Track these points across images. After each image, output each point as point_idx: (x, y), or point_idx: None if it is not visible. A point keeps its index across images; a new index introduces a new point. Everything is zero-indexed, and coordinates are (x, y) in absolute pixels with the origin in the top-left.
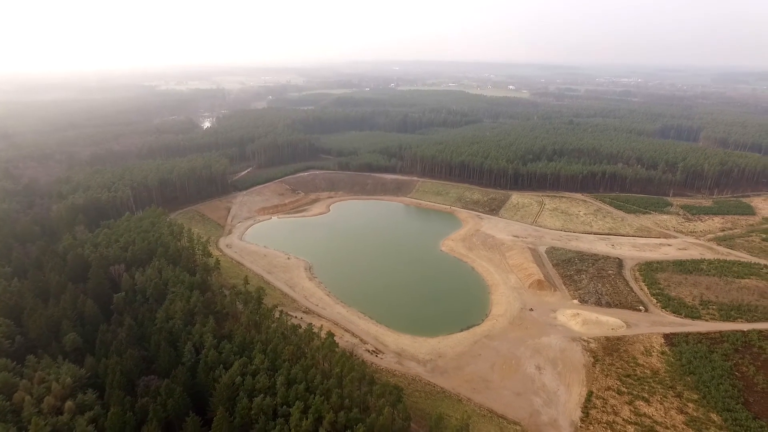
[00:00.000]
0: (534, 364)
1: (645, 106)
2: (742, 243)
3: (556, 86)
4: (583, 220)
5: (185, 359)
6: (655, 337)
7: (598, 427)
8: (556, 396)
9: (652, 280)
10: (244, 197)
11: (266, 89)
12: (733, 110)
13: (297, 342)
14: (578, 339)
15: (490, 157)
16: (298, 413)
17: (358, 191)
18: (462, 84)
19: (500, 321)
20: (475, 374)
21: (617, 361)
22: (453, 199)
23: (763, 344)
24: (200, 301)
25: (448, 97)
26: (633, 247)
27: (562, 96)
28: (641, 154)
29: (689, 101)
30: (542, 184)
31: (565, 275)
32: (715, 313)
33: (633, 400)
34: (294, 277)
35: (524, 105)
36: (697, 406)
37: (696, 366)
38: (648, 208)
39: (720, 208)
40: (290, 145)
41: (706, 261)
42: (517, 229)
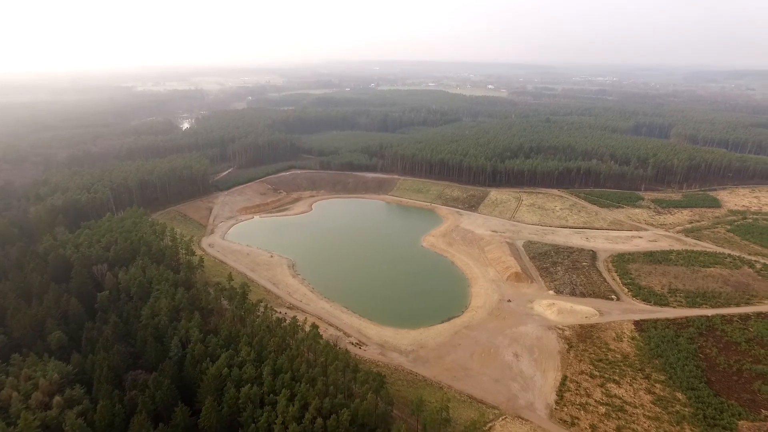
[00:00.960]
0: (512, 351)
1: (619, 104)
2: (708, 234)
3: (534, 85)
4: (559, 214)
5: (172, 353)
6: (626, 323)
7: (572, 409)
8: (532, 381)
9: (624, 270)
10: (226, 197)
11: (245, 90)
12: (703, 108)
13: (282, 334)
14: (554, 327)
15: (469, 155)
16: (284, 401)
17: (339, 190)
18: (442, 83)
19: (479, 312)
20: (456, 363)
21: (590, 347)
22: (433, 196)
23: (725, 328)
24: (185, 298)
25: (428, 96)
26: (606, 240)
27: (540, 95)
28: (614, 150)
29: (661, 99)
30: (520, 180)
31: (542, 267)
32: (682, 300)
33: (605, 382)
34: (277, 274)
35: (503, 104)
36: (663, 386)
37: (663, 349)
38: (621, 203)
39: (688, 202)
40: (271, 145)
41: (674, 252)
42: (496, 225)
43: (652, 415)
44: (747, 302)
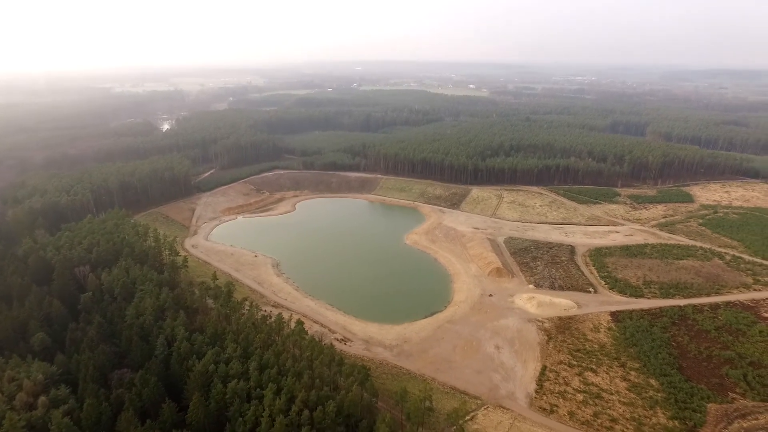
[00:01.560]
0: (493, 344)
1: (597, 103)
2: (681, 228)
3: (515, 85)
4: (539, 211)
5: (158, 352)
6: (602, 315)
7: (551, 397)
8: (513, 372)
9: (601, 264)
10: (209, 198)
11: (226, 90)
12: (677, 106)
13: (267, 331)
14: (534, 320)
15: (451, 153)
16: (271, 394)
17: (323, 189)
18: (424, 83)
19: (462, 307)
20: (439, 356)
21: (569, 338)
22: (416, 194)
23: (696, 317)
24: (170, 297)
25: (410, 96)
26: (584, 235)
27: (520, 94)
28: (592, 148)
29: (638, 98)
30: (500, 178)
31: (522, 262)
32: (657, 291)
33: (582, 371)
34: (262, 273)
35: (484, 103)
36: (638, 374)
37: (638, 339)
38: (598, 199)
39: (663, 197)
40: (254, 145)
41: (649, 245)
42: (478, 222)
43: (627, 400)
44: (717, 292)
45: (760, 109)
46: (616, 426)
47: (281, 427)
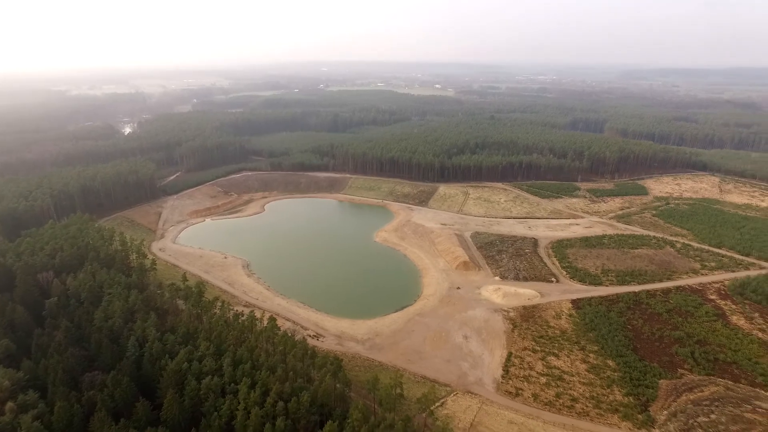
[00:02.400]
0: (462, 334)
1: (558, 101)
2: (636, 219)
3: (480, 84)
4: (504, 206)
5: (129, 353)
6: (564, 302)
7: (517, 381)
8: (481, 359)
9: (562, 255)
10: (175, 201)
11: (190, 92)
12: (633, 104)
13: (240, 328)
14: (499, 310)
15: (418, 152)
16: (245, 388)
17: (292, 190)
18: (390, 84)
19: (431, 300)
20: (410, 348)
21: (532, 326)
22: (385, 193)
23: (650, 301)
24: (139, 300)
25: (377, 96)
26: (547, 228)
27: (485, 93)
28: (553, 144)
29: (597, 96)
30: (466, 175)
31: (488, 256)
32: (614, 279)
33: (545, 356)
34: (232, 274)
35: (450, 103)
36: (596, 356)
37: (597, 323)
38: (560, 193)
39: (620, 190)
40: (220, 147)
41: (607, 236)
42: (445, 218)
43: (587, 381)
44: (668, 278)
45: (708, 106)
46: (577, 405)
47: (256, 418)
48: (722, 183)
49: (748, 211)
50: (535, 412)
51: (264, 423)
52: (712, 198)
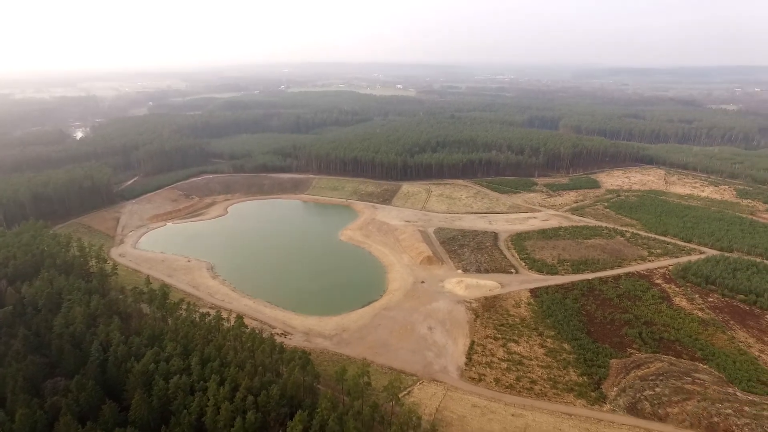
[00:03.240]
0: (426, 326)
1: (516, 100)
2: (590, 211)
3: (440, 84)
4: (465, 202)
5: (93, 358)
6: (523, 292)
7: (479, 368)
8: (445, 349)
9: (521, 247)
10: (134, 206)
11: (145, 95)
12: (586, 102)
13: (207, 328)
14: (462, 301)
15: (381, 151)
16: (215, 385)
17: (255, 192)
18: (352, 84)
19: (396, 294)
20: (376, 341)
21: (494, 315)
22: (349, 192)
23: (602, 288)
24: (101, 304)
25: (339, 97)
26: (506, 222)
27: (446, 93)
28: (511, 142)
29: (552, 95)
30: (428, 173)
31: (451, 250)
32: (569, 268)
33: (506, 342)
34: (196, 277)
35: (411, 102)
36: (553, 340)
37: (553, 310)
38: (518, 188)
39: (574, 184)
40: (179, 150)
41: (563, 228)
42: (409, 215)
43: (545, 364)
44: (619, 265)
45: (654, 104)
46: (535, 386)
47: (227, 413)
48: (667, 175)
49: (690, 200)
50: (497, 396)
51: (234, 417)
52: (658, 189)
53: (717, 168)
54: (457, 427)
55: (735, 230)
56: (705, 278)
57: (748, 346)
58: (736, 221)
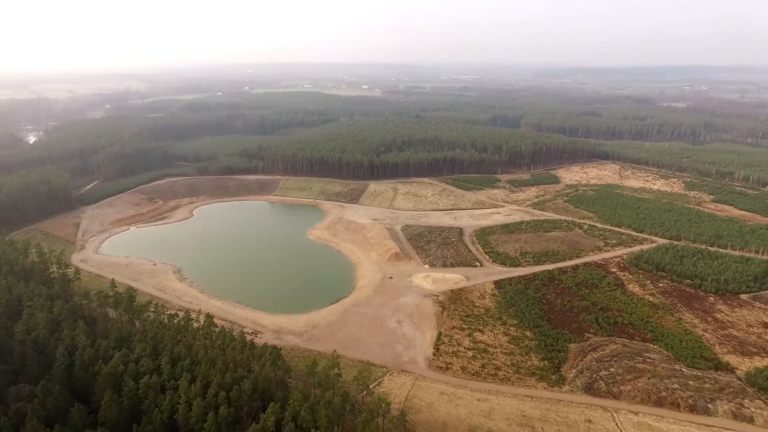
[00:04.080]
0: (395, 319)
1: (479, 100)
2: (550, 205)
3: (405, 84)
4: (431, 200)
5: (58, 363)
6: (487, 284)
7: (446, 357)
8: (413, 341)
9: (485, 241)
10: (95, 211)
11: (103, 97)
12: (547, 100)
13: (176, 328)
14: (429, 295)
15: (348, 151)
16: (186, 383)
17: (221, 194)
18: (317, 85)
19: (365, 291)
20: (347, 336)
21: (460, 307)
22: (316, 193)
23: (561, 277)
24: (65, 309)
25: (304, 98)
26: (471, 218)
27: (411, 93)
28: (475, 140)
29: (514, 94)
30: (395, 172)
31: (418, 246)
32: (531, 260)
33: (472, 332)
34: (163, 281)
35: (377, 103)
36: (516, 328)
37: (516, 300)
38: (482, 185)
39: (535, 180)
40: (141, 153)
41: (525, 222)
42: (376, 214)
43: (508, 351)
44: (577, 256)
45: (611, 102)
46: (500, 372)
47: (199, 409)
48: (622, 170)
49: (643, 193)
50: (464, 383)
51: (207, 413)
52: (614, 183)
53: (667, 162)
54: (425, 413)
55: (683, 220)
56: (656, 265)
57: (693, 326)
58: (684, 212)
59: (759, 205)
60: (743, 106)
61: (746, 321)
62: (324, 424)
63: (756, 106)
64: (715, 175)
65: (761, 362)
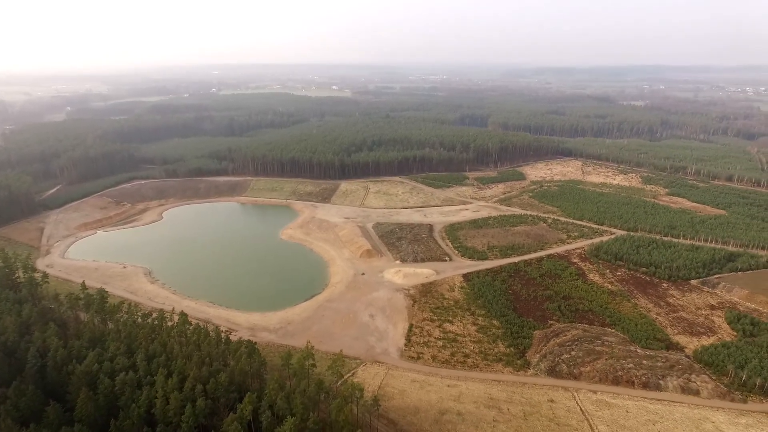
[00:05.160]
0: (368, 313)
1: (448, 99)
2: (516, 201)
3: (375, 85)
4: (402, 198)
5: (30, 364)
6: (456, 277)
7: (418, 347)
8: (386, 333)
9: (454, 237)
10: (59, 215)
11: (63, 99)
12: (513, 100)
13: (150, 326)
14: (401, 289)
15: (318, 151)
16: (162, 378)
17: (191, 196)
18: (287, 86)
19: (338, 287)
20: (321, 331)
21: (430, 299)
22: (288, 193)
23: (526, 269)
24: (35, 312)
25: (273, 99)
26: (441, 214)
27: (380, 93)
28: (443, 139)
29: (482, 94)
30: (366, 171)
31: (389, 243)
32: (498, 253)
33: (441, 323)
34: (134, 283)
35: (347, 103)
36: (484, 318)
37: (484, 291)
38: (451, 183)
39: (502, 177)
40: (106, 156)
41: (492, 218)
42: (348, 212)
43: (476, 339)
44: (542, 248)
45: (574, 101)
46: (468, 359)
47: (176, 402)
48: (584, 166)
49: (603, 188)
50: (434, 370)
51: (184, 406)
52: (576, 179)
53: (626, 158)
54: (398, 400)
55: (639, 212)
56: (614, 255)
57: (648, 311)
58: (640, 205)
59: (708, 196)
60: (697, 105)
61: (695, 304)
62: (300, 411)
63: (708, 104)
64: (670, 169)
65: (707, 341)
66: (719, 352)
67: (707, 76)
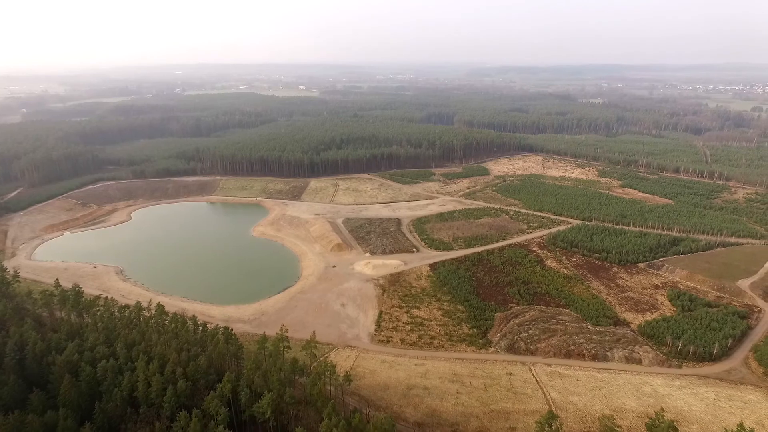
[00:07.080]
0: (339, 303)
1: (415, 98)
2: (480, 195)
3: (343, 84)
4: (370, 194)
5: (9, 357)
6: (423, 267)
7: (387, 332)
8: (357, 320)
9: (421, 229)
10: (23, 218)
11: (17, 101)
12: (478, 98)
13: (128, 317)
14: (371, 279)
15: (287, 150)
16: (143, 363)
17: (159, 196)
18: (253, 86)
19: (310, 279)
20: (294, 320)
21: (398, 288)
22: (258, 191)
23: (489, 257)
24: (9, 308)
25: (240, 99)
26: (408, 209)
27: (348, 93)
28: (410, 137)
29: (448, 92)
30: (335, 169)
31: (359, 237)
32: (462, 244)
33: (409, 309)
34: (105, 282)
35: (315, 103)
36: (449, 303)
37: (449, 279)
38: (418, 179)
39: (467, 173)
40: (69, 158)
41: (457, 211)
42: (318, 209)
43: (442, 323)
44: (503, 238)
45: (537, 99)
46: (434, 341)
47: (158, 384)
48: (545, 161)
49: (562, 181)
50: (403, 352)
51: (165, 388)
52: (537, 173)
53: (583, 153)
54: (369, 378)
55: (594, 203)
56: (570, 243)
57: (599, 292)
58: (596, 196)
59: (657, 187)
60: (651, 102)
61: (641, 285)
62: (276, 388)
63: (661, 102)
64: (623, 162)
65: (650, 317)
66: (660, 326)
67: (662, 75)
